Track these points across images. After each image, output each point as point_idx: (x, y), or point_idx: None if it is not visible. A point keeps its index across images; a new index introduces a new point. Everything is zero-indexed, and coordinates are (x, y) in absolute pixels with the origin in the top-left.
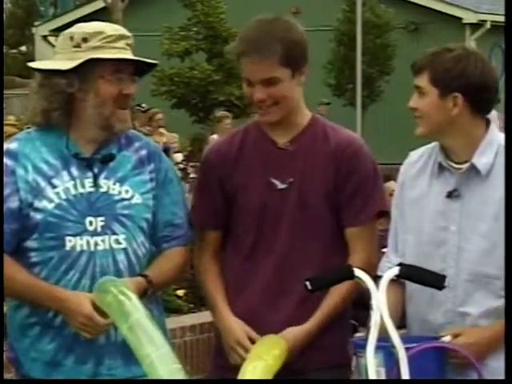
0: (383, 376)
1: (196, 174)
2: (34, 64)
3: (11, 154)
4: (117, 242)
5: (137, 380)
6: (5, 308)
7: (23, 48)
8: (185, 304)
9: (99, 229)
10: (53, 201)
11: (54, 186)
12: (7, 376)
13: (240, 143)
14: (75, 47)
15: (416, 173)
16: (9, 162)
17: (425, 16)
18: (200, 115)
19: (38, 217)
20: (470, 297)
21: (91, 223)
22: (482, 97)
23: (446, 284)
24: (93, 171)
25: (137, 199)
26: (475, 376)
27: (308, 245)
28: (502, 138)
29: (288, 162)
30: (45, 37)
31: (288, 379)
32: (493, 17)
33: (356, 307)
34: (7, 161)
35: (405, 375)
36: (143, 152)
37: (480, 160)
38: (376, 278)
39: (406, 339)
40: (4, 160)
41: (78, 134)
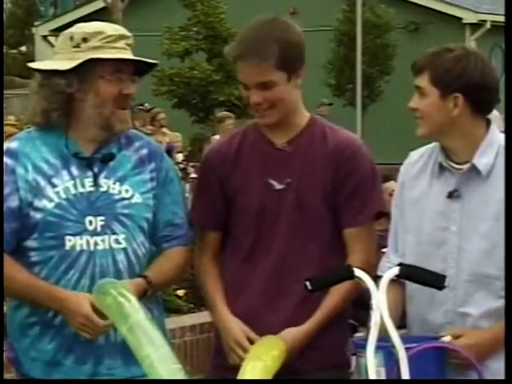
0: (383, 376)
1: (196, 174)
2: (34, 64)
3: (11, 153)
4: (116, 242)
5: (137, 380)
6: (5, 308)
7: (23, 48)
8: (185, 304)
9: (99, 228)
10: (53, 200)
11: (54, 186)
12: (7, 376)
13: (239, 145)
14: (75, 47)
15: (416, 173)
16: (9, 161)
17: (425, 16)
18: (200, 115)
19: (38, 216)
20: (471, 297)
21: (91, 223)
22: (483, 97)
23: (446, 284)
24: (93, 171)
25: (137, 199)
26: (475, 377)
27: (306, 245)
28: (503, 138)
29: (286, 163)
30: (45, 37)
31: (287, 379)
32: (493, 17)
33: (356, 307)
34: (7, 160)
35: (405, 375)
36: (144, 151)
37: (480, 160)
38: (376, 278)
39: (406, 339)
40: (4, 159)
41: (78, 134)
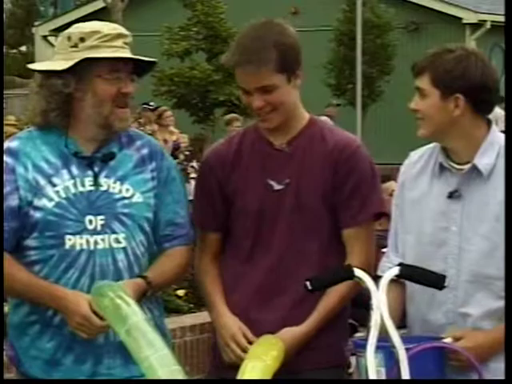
0: (383, 376)
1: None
2: (34, 65)
3: (12, 153)
4: (116, 241)
5: (136, 380)
6: (5, 308)
7: (23, 48)
8: (185, 304)
9: (99, 227)
10: (52, 199)
11: (54, 185)
12: (7, 376)
13: (238, 146)
14: (72, 47)
15: (416, 173)
16: (9, 161)
17: (425, 16)
18: (200, 115)
19: (38, 215)
20: (471, 297)
21: (91, 222)
22: (484, 97)
23: (447, 284)
24: (93, 170)
25: (137, 198)
26: (476, 377)
27: (305, 245)
28: (503, 139)
29: (284, 164)
30: (45, 37)
31: (287, 379)
32: (493, 17)
33: (355, 307)
34: (7, 159)
35: (405, 375)
36: (145, 151)
37: (481, 161)
38: (376, 278)
39: (407, 339)
40: (4, 158)
41: (78, 134)
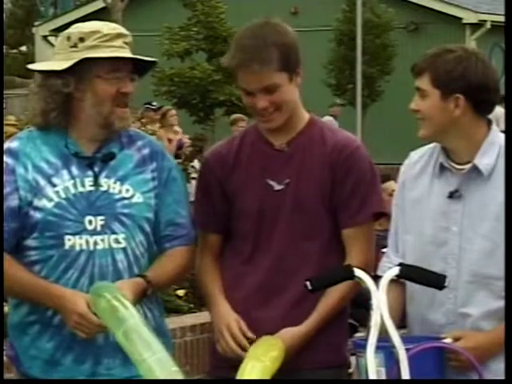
0: (383, 376)
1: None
2: (34, 65)
3: (12, 153)
4: (116, 242)
5: (136, 380)
6: (5, 308)
7: (23, 48)
8: (185, 304)
9: (99, 228)
10: (52, 200)
11: (54, 185)
12: (7, 376)
13: (238, 146)
14: (72, 47)
15: (417, 173)
16: (9, 161)
17: (425, 16)
18: (200, 115)
19: (38, 215)
20: (471, 297)
21: (91, 222)
22: (484, 97)
23: (447, 284)
24: (93, 170)
25: (137, 198)
26: (476, 377)
27: (305, 245)
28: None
29: (284, 164)
30: (45, 37)
31: (287, 379)
32: (493, 17)
33: (355, 307)
34: (7, 159)
35: (405, 375)
36: (145, 151)
37: (482, 161)
38: (376, 278)
39: (407, 339)
40: (4, 158)
41: (78, 134)
